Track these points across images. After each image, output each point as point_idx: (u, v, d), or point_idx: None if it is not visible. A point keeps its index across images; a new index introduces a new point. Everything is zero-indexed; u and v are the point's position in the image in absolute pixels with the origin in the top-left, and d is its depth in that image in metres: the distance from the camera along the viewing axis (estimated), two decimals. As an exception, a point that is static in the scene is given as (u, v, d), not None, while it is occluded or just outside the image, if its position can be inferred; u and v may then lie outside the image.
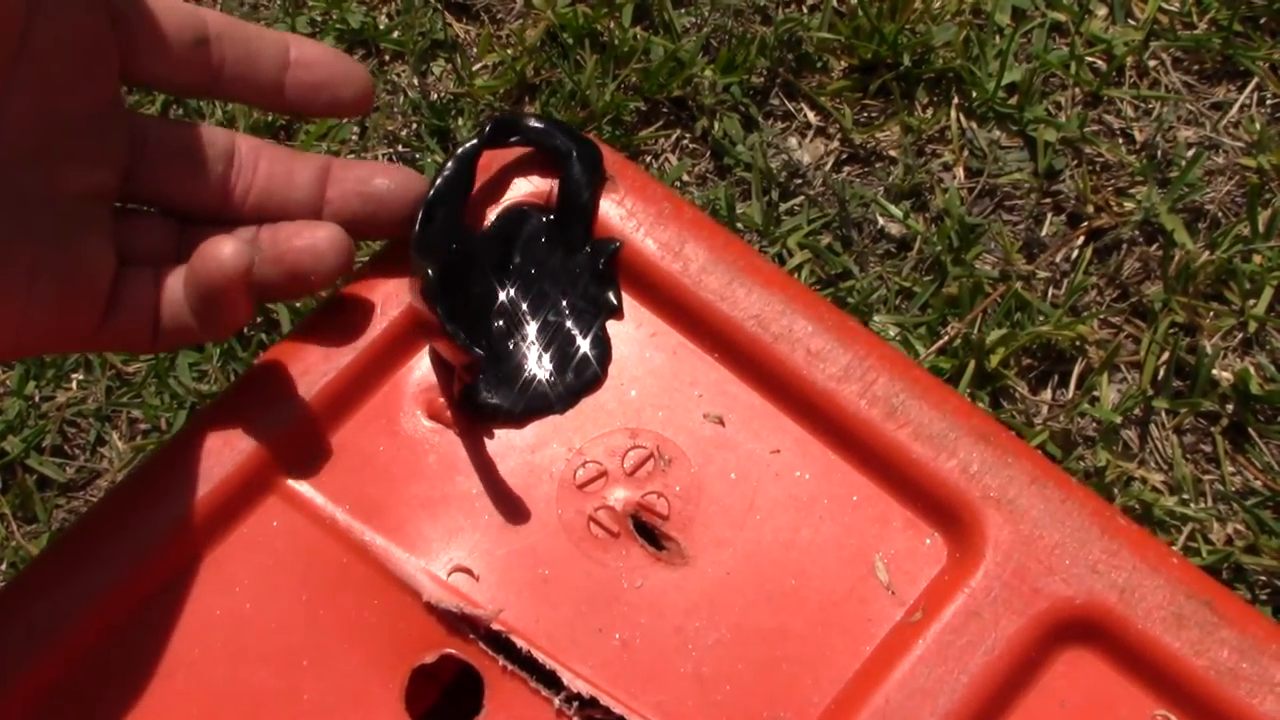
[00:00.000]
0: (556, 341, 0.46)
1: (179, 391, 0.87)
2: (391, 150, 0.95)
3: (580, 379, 0.46)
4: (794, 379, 0.45)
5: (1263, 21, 0.91)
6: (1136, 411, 0.81)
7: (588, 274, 0.47)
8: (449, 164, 0.46)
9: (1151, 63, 0.92)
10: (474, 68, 0.97)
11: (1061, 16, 0.93)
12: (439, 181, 0.46)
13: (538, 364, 0.46)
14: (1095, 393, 0.81)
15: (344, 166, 0.47)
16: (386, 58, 0.99)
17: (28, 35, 0.40)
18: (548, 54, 0.96)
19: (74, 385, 0.89)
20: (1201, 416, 0.81)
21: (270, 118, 0.95)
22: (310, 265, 0.44)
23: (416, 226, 0.45)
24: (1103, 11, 0.94)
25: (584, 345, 0.46)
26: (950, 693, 0.41)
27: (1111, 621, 0.42)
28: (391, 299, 0.47)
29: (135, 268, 0.45)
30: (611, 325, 0.47)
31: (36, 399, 0.89)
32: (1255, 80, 0.90)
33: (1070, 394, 0.82)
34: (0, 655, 0.42)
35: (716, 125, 0.92)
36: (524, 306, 0.46)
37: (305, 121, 0.95)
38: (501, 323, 0.46)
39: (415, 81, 0.97)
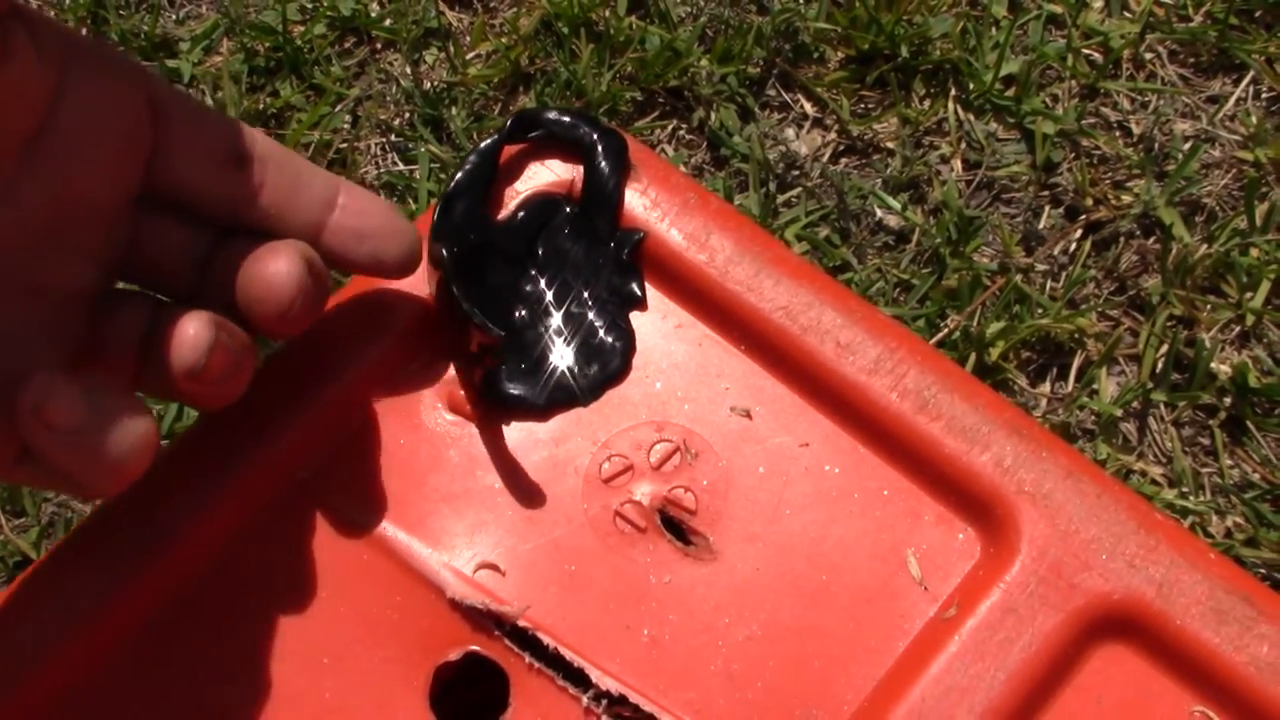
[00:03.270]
0: (580, 333, 0.45)
1: (169, 383, 0.86)
2: (384, 139, 0.94)
3: (605, 371, 0.45)
4: (823, 371, 0.45)
5: (1258, 14, 0.92)
6: (1135, 404, 0.81)
7: (611, 265, 0.46)
8: (470, 158, 0.46)
9: (1148, 55, 0.92)
10: (467, 56, 0.96)
11: (1058, 8, 0.93)
12: (459, 175, 0.45)
13: (561, 355, 0.45)
14: (1094, 385, 0.82)
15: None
16: (378, 46, 0.98)
17: (55, 114, 0.36)
18: (542, 43, 0.96)
19: (61, 377, 0.88)
20: (1200, 409, 0.81)
21: (261, 106, 0.94)
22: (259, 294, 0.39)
23: (435, 217, 0.45)
24: (1099, 4, 0.94)
25: (608, 337, 0.46)
26: (987, 689, 0.40)
27: (1149, 617, 0.41)
28: (413, 290, 0.46)
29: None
30: (636, 317, 0.47)
31: (23, 390, 0.87)
32: (1251, 73, 0.90)
33: (1069, 387, 0.82)
34: (11, 654, 0.41)
35: (713, 116, 0.92)
36: (548, 297, 0.46)
37: (298, 110, 0.94)
38: (524, 313, 0.45)
39: (408, 70, 0.96)
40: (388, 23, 0.97)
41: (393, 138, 0.94)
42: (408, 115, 0.95)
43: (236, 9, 0.98)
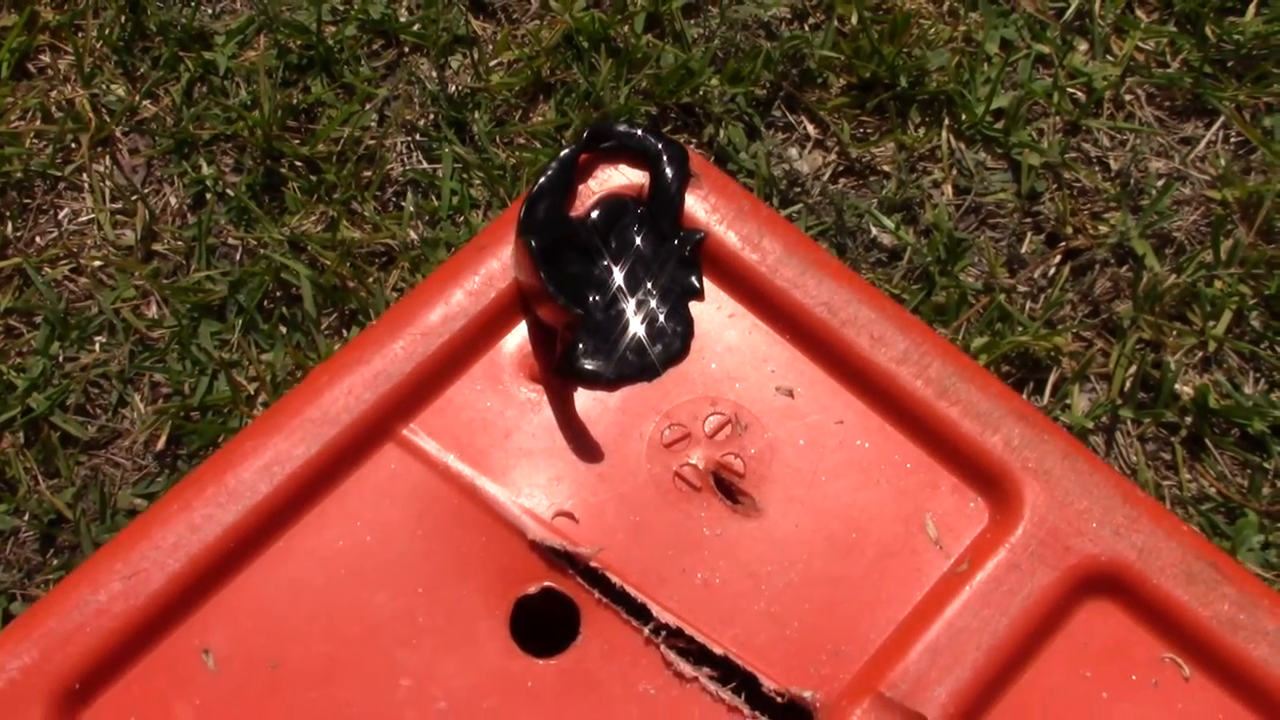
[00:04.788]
0: (647, 318, 0.52)
1: (200, 358, 0.90)
2: (410, 138, 0.98)
3: (667, 352, 0.52)
4: (858, 359, 0.52)
5: (1230, 64, 0.97)
6: (1104, 419, 0.87)
7: (675, 260, 0.52)
8: (551, 165, 0.52)
9: (1127, 97, 0.97)
10: (491, 64, 1.00)
11: (1046, 49, 0.98)
12: (542, 180, 0.52)
13: (630, 337, 0.51)
14: (1067, 400, 0.87)
15: None
16: (406, 49, 1.02)
17: None
18: (563, 55, 1.00)
19: (97, 348, 0.92)
20: (1163, 426, 0.87)
21: (294, 100, 0.99)
22: None
23: (521, 215, 0.51)
24: (1084, 46, 0.99)
25: (670, 322, 0.52)
26: (992, 632, 0.47)
27: (1130, 577, 0.49)
28: (498, 274, 0.52)
29: None
30: (695, 306, 0.53)
31: (61, 359, 0.91)
32: (1222, 118, 0.96)
33: (1045, 400, 0.87)
34: (144, 571, 0.46)
35: (722, 133, 0.97)
36: (619, 286, 0.52)
37: (329, 106, 0.99)
38: (598, 299, 0.52)
39: (434, 74, 1.00)
40: (416, 28, 1.01)
41: (418, 137, 0.98)
42: (433, 116, 0.98)
43: (272, 7, 1.01)
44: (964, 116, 0.96)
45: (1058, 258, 0.92)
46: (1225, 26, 0.97)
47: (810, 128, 0.98)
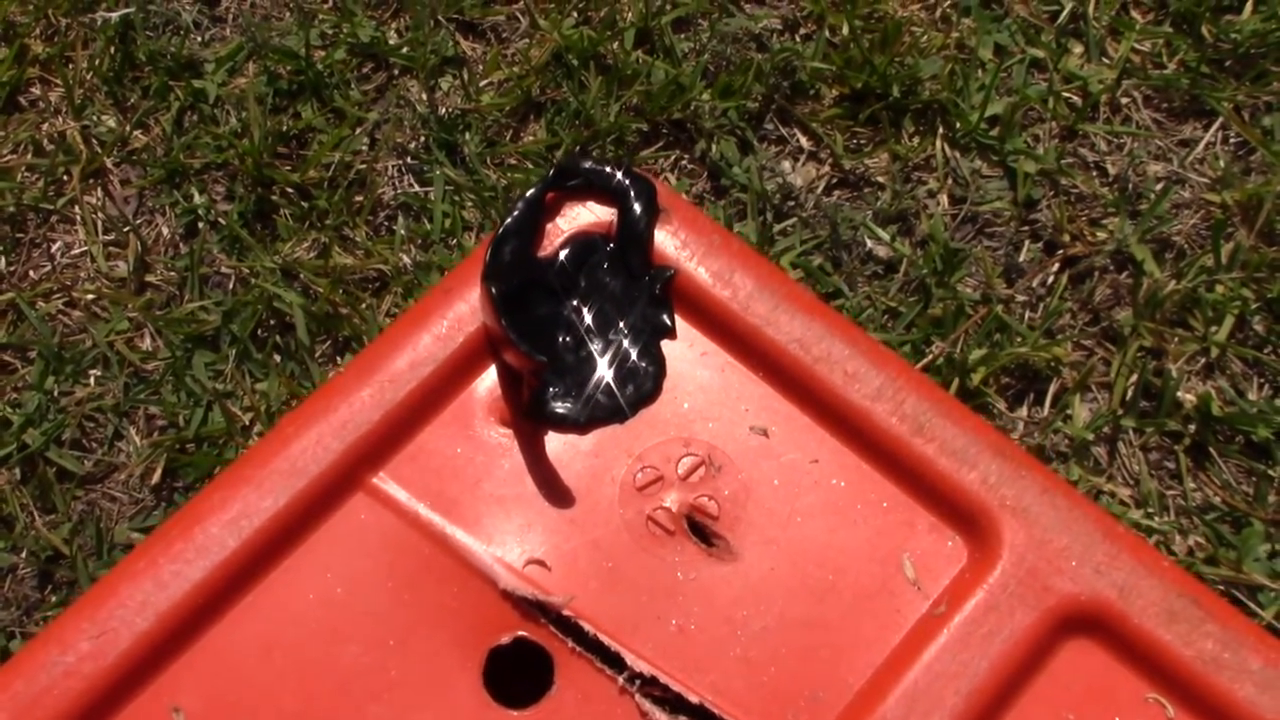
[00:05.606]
0: (617, 358, 0.51)
1: (195, 390, 0.90)
2: (401, 161, 0.98)
3: (638, 392, 0.51)
4: (832, 397, 0.51)
5: (1228, 64, 0.96)
6: (1106, 429, 0.86)
7: (645, 298, 0.52)
8: (517, 205, 0.51)
9: (1124, 100, 0.96)
10: (481, 84, 1.00)
11: (1040, 53, 0.98)
12: (508, 220, 0.51)
13: (600, 378, 0.51)
14: (1068, 411, 0.86)
15: None
16: (396, 72, 1.02)
17: None
18: (553, 74, 0.99)
19: (92, 382, 0.92)
20: (1166, 435, 0.86)
21: (284, 127, 0.98)
22: None
23: (486, 259, 0.50)
24: (1079, 50, 0.98)
25: (642, 362, 0.51)
26: (972, 676, 0.46)
27: (1112, 616, 0.48)
28: (466, 318, 0.51)
29: None
30: (666, 345, 0.52)
31: (55, 394, 0.91)
32: (1220, 120, 0.95)
33: (1045, 411, 0.86)
34: (112, 631, 0.46)
35: (714, 147, 0.96)
36: (588, 326, 0.51)
37: (319, 131, 0.99)
38: (568, 340, 0.51)
39: (424, 96, 1.00)
40: (405, 50, 1.01)
41: (409, 160, 0.98)
42: (423, 139, 0.98)
43: (261, 33, 1.01)
44: (958, 125, 0.95)
45: (1056, 266, 0.91)
46: (1222, 25, 0.96)
47: (803, 140, 0.97)
